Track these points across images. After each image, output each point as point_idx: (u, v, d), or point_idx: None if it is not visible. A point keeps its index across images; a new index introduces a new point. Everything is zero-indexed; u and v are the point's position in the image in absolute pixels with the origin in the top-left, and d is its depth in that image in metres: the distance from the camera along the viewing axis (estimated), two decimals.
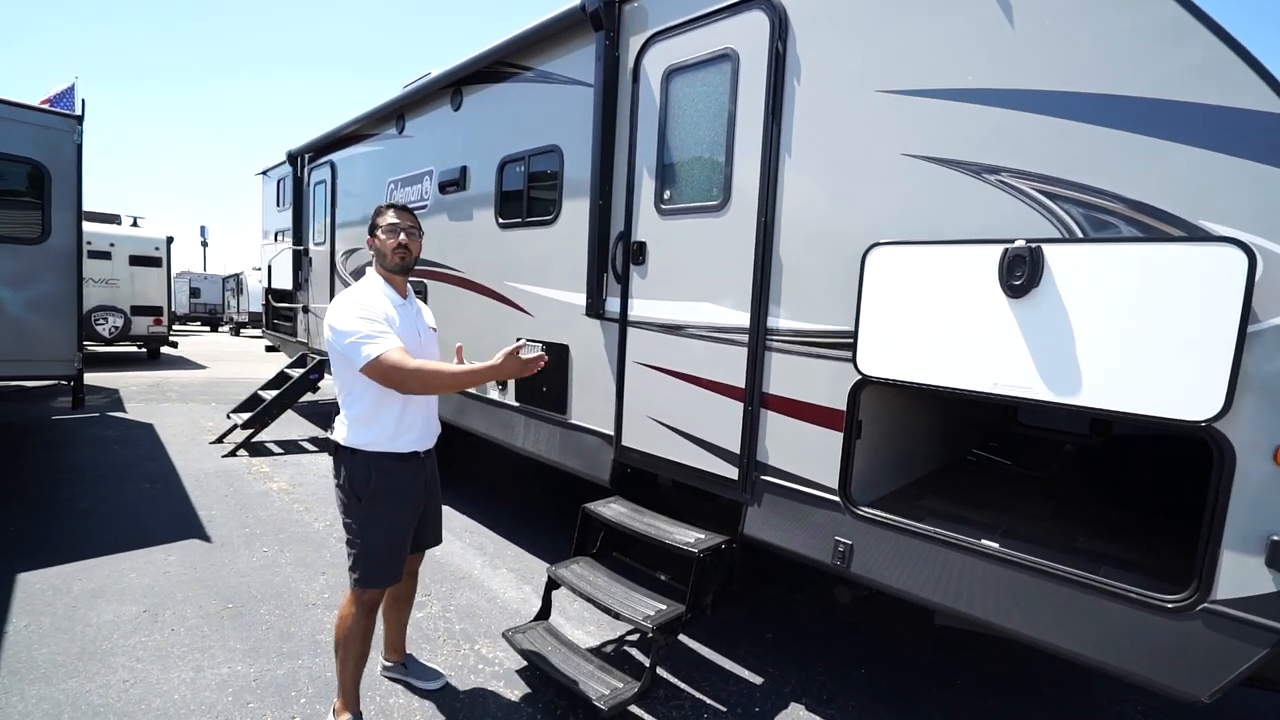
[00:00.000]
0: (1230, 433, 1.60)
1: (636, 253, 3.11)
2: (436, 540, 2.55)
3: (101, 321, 11.69)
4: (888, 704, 2.75)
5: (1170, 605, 1.71)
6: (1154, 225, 1.69)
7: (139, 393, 9.29)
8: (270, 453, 6.30)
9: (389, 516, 2.21)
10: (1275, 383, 1.55)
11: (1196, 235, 1.62)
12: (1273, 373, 1.56)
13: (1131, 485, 3.03)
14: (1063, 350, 1.80)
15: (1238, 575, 1.62)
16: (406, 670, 2.68)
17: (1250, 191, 1.56)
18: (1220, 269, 1.57)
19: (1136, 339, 1.69)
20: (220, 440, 6.52)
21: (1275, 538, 1.57)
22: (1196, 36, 1.62)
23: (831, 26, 2.37)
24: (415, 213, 2.46)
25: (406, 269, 2.31)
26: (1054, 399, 1.82)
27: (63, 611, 3.11)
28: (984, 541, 2.07)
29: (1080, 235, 1.80)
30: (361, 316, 2.07)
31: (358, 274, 5.98)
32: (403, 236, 2.25)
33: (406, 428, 2.21)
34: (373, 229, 2.31)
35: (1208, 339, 1.59)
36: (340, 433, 2.21)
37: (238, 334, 23.85)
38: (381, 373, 2.00)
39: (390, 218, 2.28)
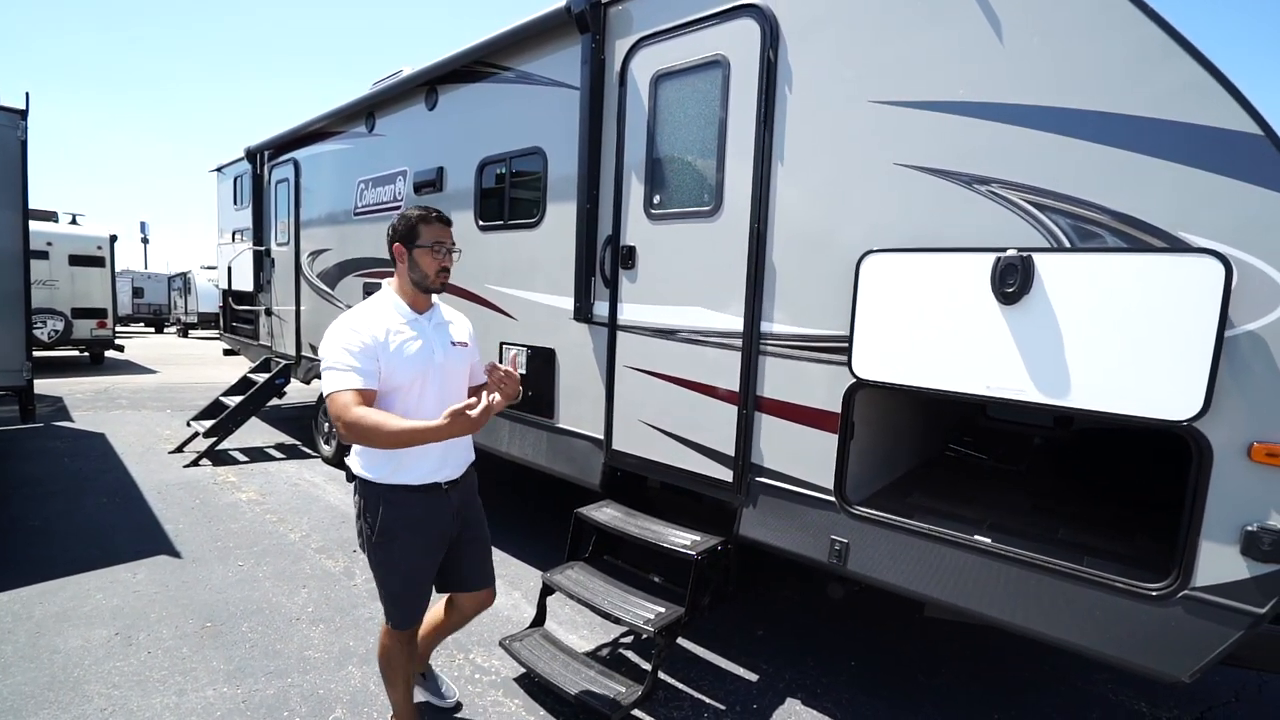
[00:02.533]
0: (1208, 431, 1.71)
1: (626, 257, 3.12)
2: (486, 581, 2.25)
3: (40, 325, 11.04)
4: (879, 694, 2.85)
5: (1154, 593, 1.82)
6: (1137, 236, 1.79)
7: (85, 400, 8.81)
8: (235, 461, 6.07)
9: (400, 553, 1.99)
10: (1249, 384, 1.67)
11: (1177, 246, 1.72)
12: (1247, 375, 1.67)
13: (1099, 477, 3.20)
14: (1052, 354, 1.89)
15: (1215, 564, 1.74)
16: (424, 680, 2.59)
17: (1226, 206, 1.67)
18: (1199, 279, 1.67)
19: (1122, 344, 1.79)
20: (180, 449, 6.26)
21: (1249, 528, 1.68)
22: (1177, 59, 1.71)
23: (823, 37, 2.41)
24: (387, 213, 2.31)
25: (442, 291, 2.09)
26: (1045, 401, 1.91)
27: (25, 639, 2.95)
28: (976, 537, 2.16)
29: (1068, 245, 1.89)
30: (343, 343, 1.87)
31: (325, 277, 5.81)
32: (447, 259, 2.03)
33: (418, 456, 1.94)
34: (408, 237, 2.00)
35: (1188, 344, 1.69)
36: (353, 459, 2.04)
37: (185, 335, 22.83)
38: (330, 414, 1.84)
39: (436, 232, 2.00)
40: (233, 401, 6.38)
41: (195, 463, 5.89)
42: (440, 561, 2.10)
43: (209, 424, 6.20)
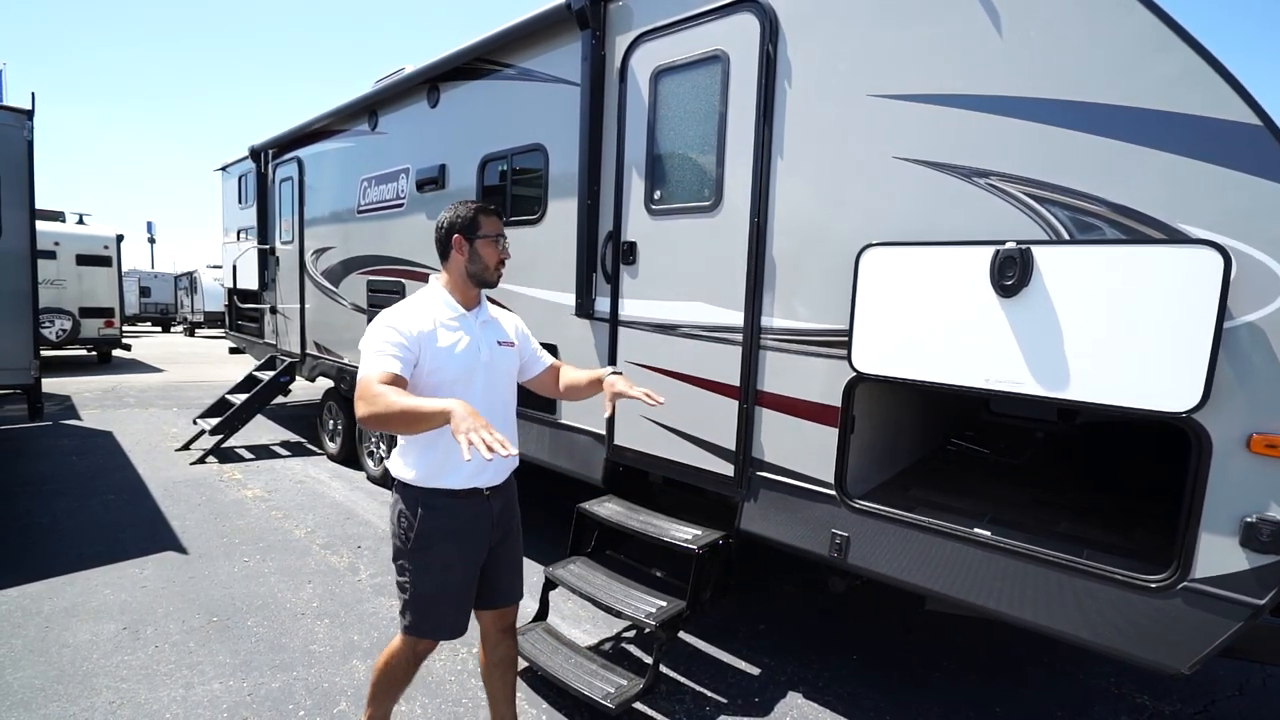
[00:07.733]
0: (1208, 423, 1.71)
1: (627, 253, 3.12)
2: (516, 595, 2.17)
3: (47, 325, 11.13)
4: (881, 688, 2.85)
5: (1154, 585, 1.82)
6: (1136, 228, 1.79)
7: (93, 399, 8.89)
8: (241, 459, 6.11)
9: (440, 561, 1.89)
10: (1248, 375, 1.66)
11: (1176, 238, 1.72)
12: (1246, 366, 1.66)
13: (1101, 469, 3.19)
14: (1051, 347, 1.89)
15: (1215, 555, 1.74)
16: None
17: (1225, 196, 1.66)
18: (1198, 270, 1.66)
19: (1121, 336, 1.78)
20: (187, 447, 6.31)
21: (1248, 519, 1.68)
22: (1174, 49, 1.71)
23: (822, 31, 2.41)
24: (389, 210, 2.23)
25: (497, 285, 2.02)
26: (1044, 393, 1.91)
27: (35, 633, 2.98)
28: (976, 530, 2.16)
29: (1066, 237, 1.89)
30: (385, 335, 1.77)
31: (329, 274, 5.83)
32: (505, 251, 1.97)
33: (460, 459, 1.71)
34: (469, 228, 1.92)
35: (1187, 336, 1.69)
36: (393, 462, 1.96)
37: (192, 334, 22.98)
38: (355, 398, 1.70)
39: (496, 224, 1.96)
40: (238, 399, 6.42)
41: (202, 460, 5.94)
42: (479, 572, 2.00)
43: (215, 422, 6.24)
